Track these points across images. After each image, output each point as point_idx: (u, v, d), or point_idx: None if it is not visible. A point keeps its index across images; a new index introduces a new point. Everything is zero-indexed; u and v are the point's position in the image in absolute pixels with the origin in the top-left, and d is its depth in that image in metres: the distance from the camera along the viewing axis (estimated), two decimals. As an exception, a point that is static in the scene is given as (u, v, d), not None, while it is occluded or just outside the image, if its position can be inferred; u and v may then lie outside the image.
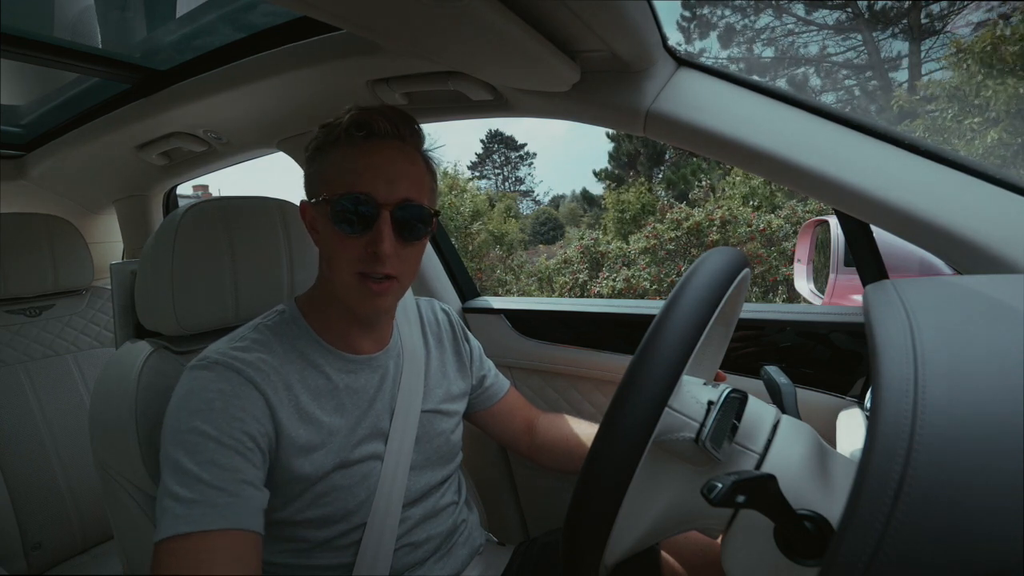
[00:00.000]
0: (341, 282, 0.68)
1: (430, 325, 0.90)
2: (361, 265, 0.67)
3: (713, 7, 15.00)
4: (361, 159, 0.67)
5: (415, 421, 0.78)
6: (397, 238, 0.67)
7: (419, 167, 0.71)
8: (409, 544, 0.75)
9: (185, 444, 0.58)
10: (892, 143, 0.68)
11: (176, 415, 0.61)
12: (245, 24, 0.98)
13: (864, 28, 12.80)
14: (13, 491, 1.25)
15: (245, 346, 0.68)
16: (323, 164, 0.70)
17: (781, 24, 14.31)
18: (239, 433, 0.60)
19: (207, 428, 0.59)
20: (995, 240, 0.60)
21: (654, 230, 7.59)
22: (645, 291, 7.19)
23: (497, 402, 0.95)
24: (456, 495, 0.86)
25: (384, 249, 0.65)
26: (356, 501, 0.70)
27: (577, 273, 8.11)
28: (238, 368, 0.64)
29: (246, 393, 0.63)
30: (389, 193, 0.66)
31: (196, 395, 0.62)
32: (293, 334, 0.72)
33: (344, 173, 0.67)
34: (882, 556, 0.28)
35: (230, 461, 0.59)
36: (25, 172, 1.58)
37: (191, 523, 0.54)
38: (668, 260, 7.46)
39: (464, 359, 0.92)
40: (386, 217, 0.66)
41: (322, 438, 0.68)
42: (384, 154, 0.68)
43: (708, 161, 11.29)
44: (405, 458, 0.75)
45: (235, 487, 0.58)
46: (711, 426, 0.50)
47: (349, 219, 0.65)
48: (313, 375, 0.71)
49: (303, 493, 0.67)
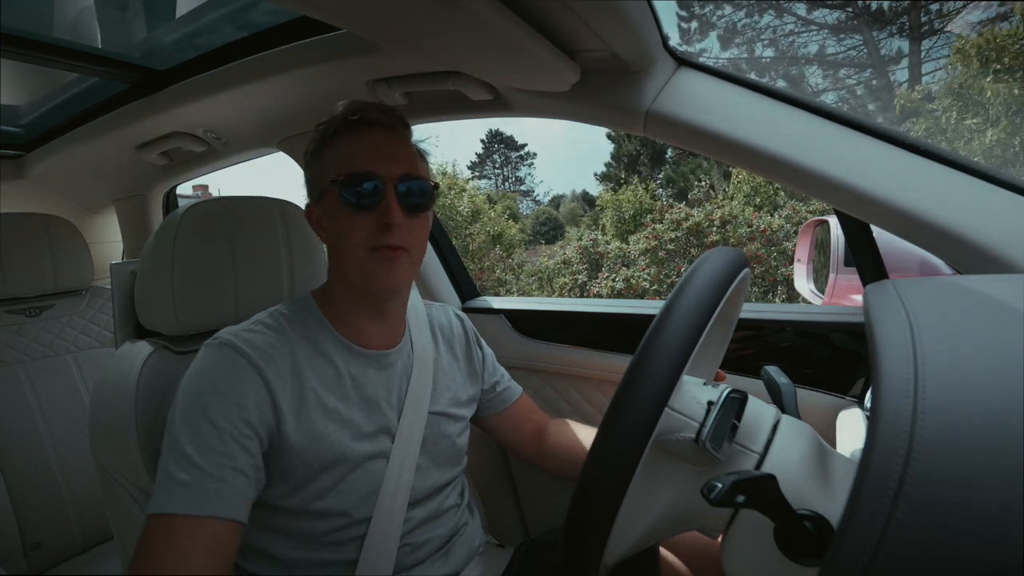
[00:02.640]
0: (354, 261, 0.71)
1: (442, 329, 0.90)
2: (372, 240, 0.69)
3: (712, 6, 15.00)
4: (359, 142, 0.71)
5: (422, 421, 0.78)
6: (403, 210, 0.70)
7: (412, 149, 0.76)
8: (410, 544, 0.75)
9: (188, 423, 0.61)
10: (892, 143, 0.68)
11: (184, 392, 0.64)
12: (245, 24, 0.98)
13: (864, 28, 12.81)
14: (13, 491, 1.25)
15: (258, 329, 0.70)
16: (324, 158, 0.73)
17: (780, 24, 14.33)
18: (237, 419, 0.62)
19: (209, 410, 0.62)
20: (995, 240, 0.60)
21: (654, 231, 7.59)
22: (645, 291, 7.19)
23: (508, 407, 0.95)
24: (459, 498, 0.86)
25: (394, 219, 0.68)
26: (360, 496, 0.71)
27: (576, 274, 8.11)
28: (245, 352, 0.66)
29: (248, 377, 0.65)
30: (390, 169, 0.70)
31: (204, 375, 0.65)
32: (307, 322, 0.74)
33: (345, 158, 0.70)
34: (882, 556, 0.28)
35: (225, 447, 0.61)
36: (25, 172, 1.58)
37: (179, 505, 0.58)
38: (668, 260, 7.46)
39: (476, 366, 0.92)
40: (391, 191, 0.69)
41: (326, 424, 0.69)
42: (379, 137, 0.72)
43: (708, 160, 11.30)
44: (411, 458, 0.76)
45: (225, 473, 0.60)
46: (711, 426, 0.50)
47: (356, 197, 0.68)
48: (322, 363, 0.72)
49: (308, 482, 0.68)
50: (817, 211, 7.11)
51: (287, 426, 0.66)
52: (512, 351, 1.29)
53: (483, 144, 28.75)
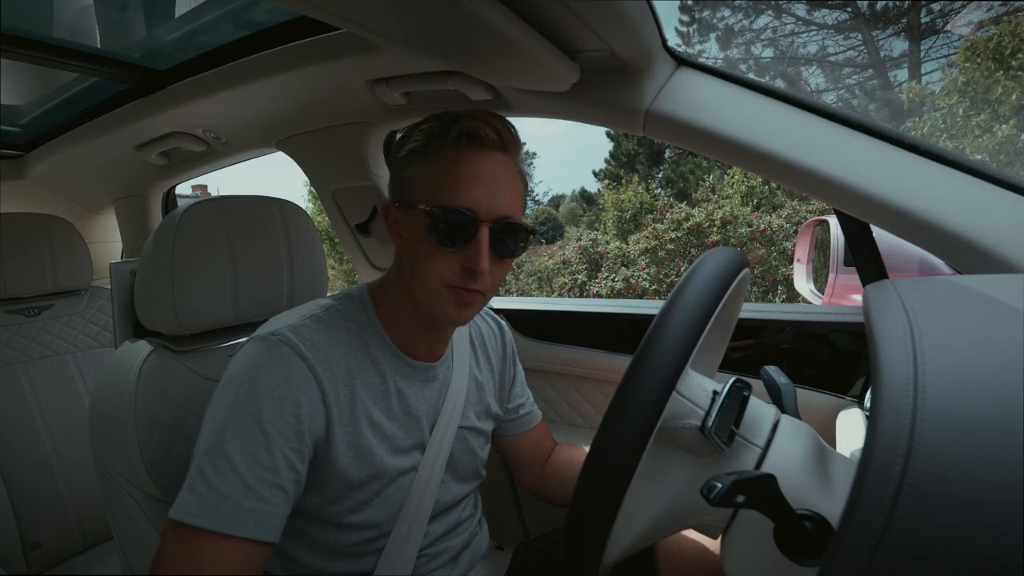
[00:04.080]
0: (426, 290, 0.65)
1: (482, 340, 0.87)
2: (454, 280, 0.64)
3: (712, 7, 14.97)
4: (465, 169, 0.63)
5: (452, 436, 0.76)
6: (493, 255, 0.65)
7: (518, 181, 0.68)
8: (426, 555, 0.75)
9: (237, 425, 0.57)
10: (892, 143, 0.68)
11: (236, 389, 0.59)
12: (244, 23, 0.98)
13: (864, 28, 12.81)
14: (12, 491, 1.25)
15: (314, 327, 0.65)
16: (420, 169, 0.66)
17: (780, 24, 14.32)
18: (290, 431, 0.59)
19: (262, 416, 0.57)
20: (995, 240, 0.60)
21: (654, 230, 7.59)
22: (644, 291, 7.19)
23: (527, 432, 0.93)
24: (474, 509, 0.85)
25: (481, 266, 0.62)
26: (389, 511, 0.69)
27: (576, 274, 8.10)
28: (304, 355, 0.62)
29: (306, 385, 0.61)
30: (491, 209, 0.63)
31: (259, 376, 0.60)
32: (362, 324, 0.70)
33: (446, 183, 0.63)
34: (882, 556, 0.28)
35: (272, 460, 0.57)
36: (24, 172, 1.58)
37: (212, 519, 0.54)
38: (668, 260, 7.47)
39: (506, 384, 0.90)
40: (485, 234, 0.63)
41: (370, 438, 0.67)
42: (488, 166, 0.64)
43: (708, 160, 11.30)
44: (438, 472, 0.74)
45: (266, 490, 0.56)
46: (716, 415, 0.50)
47: (448, 233, 0.62)
48: (371, 372, 0.69)
49: (344, 494, 0.66)
50: (817, 211, 7.12)
51: (335, 438, 0.63)
52: (512, 351, 1.29)
53: (483, 144, 28.70)
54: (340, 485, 0.65)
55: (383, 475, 0.68)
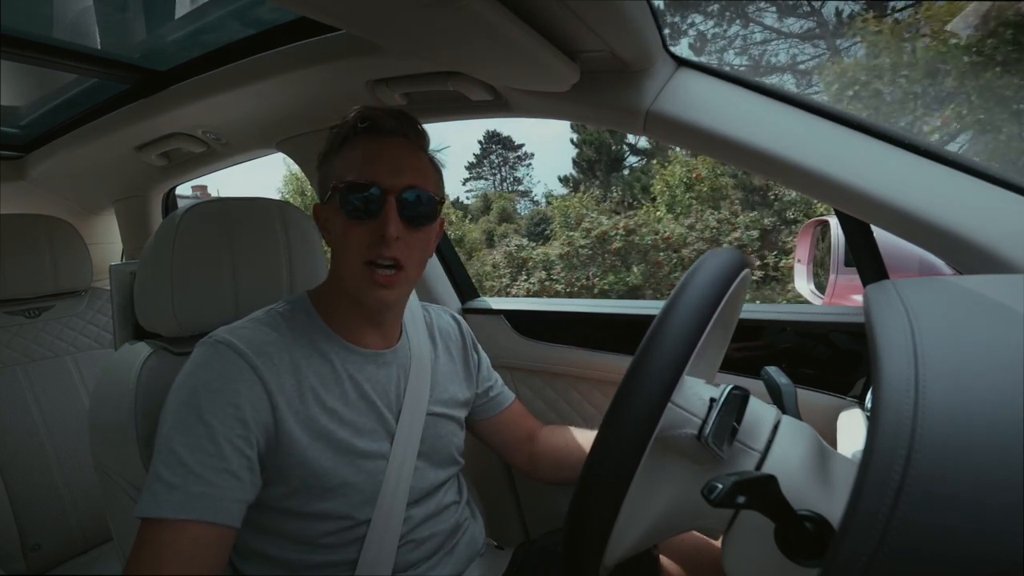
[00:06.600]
0: (350, 273, 0.70)
1: (440, 331, 0.91)
2: (368, 252, 0.68)
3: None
4: (366, 151, 0.70)
5: (421, 422, 0.78)
6: (403, 222, 0.69)
7: (424, 161, 0.74)
8: (412, 541, 0.75)
9: (179, 423, 0.60)
10: (892, 143, 0.68)
11: (177, 391, 0.63)
12: (244, 24, 0.98)
13: (828, 36, 12.67)
14: (12, 492, 1.24)
15: (253, 327, 0.69)
16: (332, 163, 0.73)
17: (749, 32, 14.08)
18: (231, 419, 0.61)
19: (201, 410, 0.61)
20: (995, 240, 0.60)
21: (568, 238, 8.27)
22: (557, 293, 7.94)
23: (501, 412, 0.96)
24: (457, 495, 0.86)
25: (390, 232, 0.67)
26: (361, 498, 0.71)
27: (501, 277, 8.82)
28: (240, 349, 0.65)
29: (244, 375, 0.64)
30: (394, 180, 0.68)
31: (197, 373, 0.64)
32: (303, 321, 0.74)
33: (351, 165, 0.69)
34: (882, 556, 0.28)
35: (217, 448, 0.60)
36: (24, 173, 1.58)
37: (165, 508, 0.57)
38: (580, 266, 8.15)
39: (471, 369, 0.93)
40: (391, 202, 0.68)
41: (326, 423, 0.69)
42: (389, 148, 0.71)
43: (649, 172, 11.84)
44: (410, 458, 0.76)
45: (214, 476, 0.59)
46: (713, 423, 0.50)
47: (356, 206, 0.68)
48: (320, 361, 0.71)
49: (308, 483, 0.67)
50: (726, 219, 8.11)
51: (286, 424, 0.65)
52: (512, 352, 1.29)
53: (480, 145, 28.73)
54: (301, 473, 0.66)
55: (346, 460, 0.69)
